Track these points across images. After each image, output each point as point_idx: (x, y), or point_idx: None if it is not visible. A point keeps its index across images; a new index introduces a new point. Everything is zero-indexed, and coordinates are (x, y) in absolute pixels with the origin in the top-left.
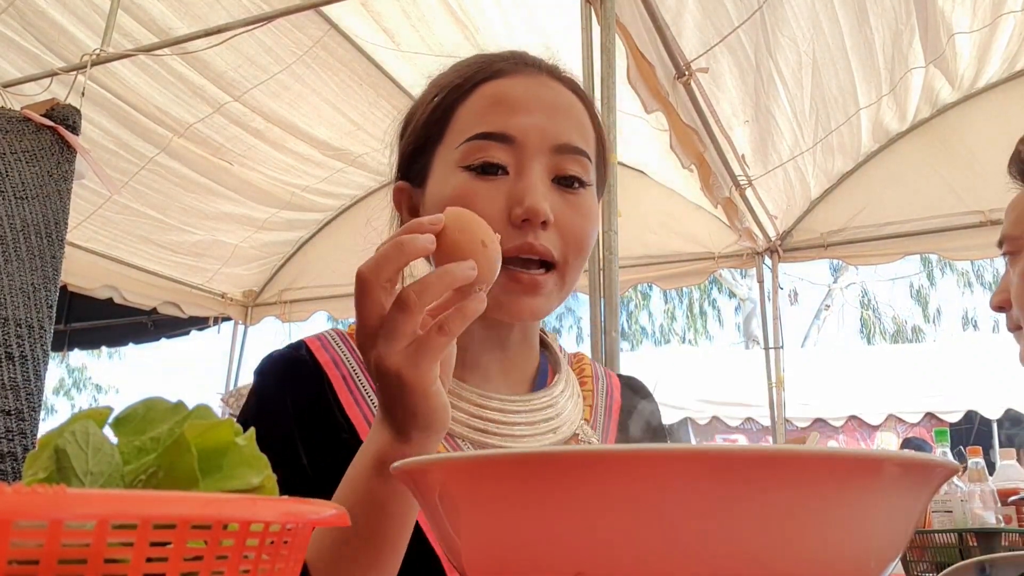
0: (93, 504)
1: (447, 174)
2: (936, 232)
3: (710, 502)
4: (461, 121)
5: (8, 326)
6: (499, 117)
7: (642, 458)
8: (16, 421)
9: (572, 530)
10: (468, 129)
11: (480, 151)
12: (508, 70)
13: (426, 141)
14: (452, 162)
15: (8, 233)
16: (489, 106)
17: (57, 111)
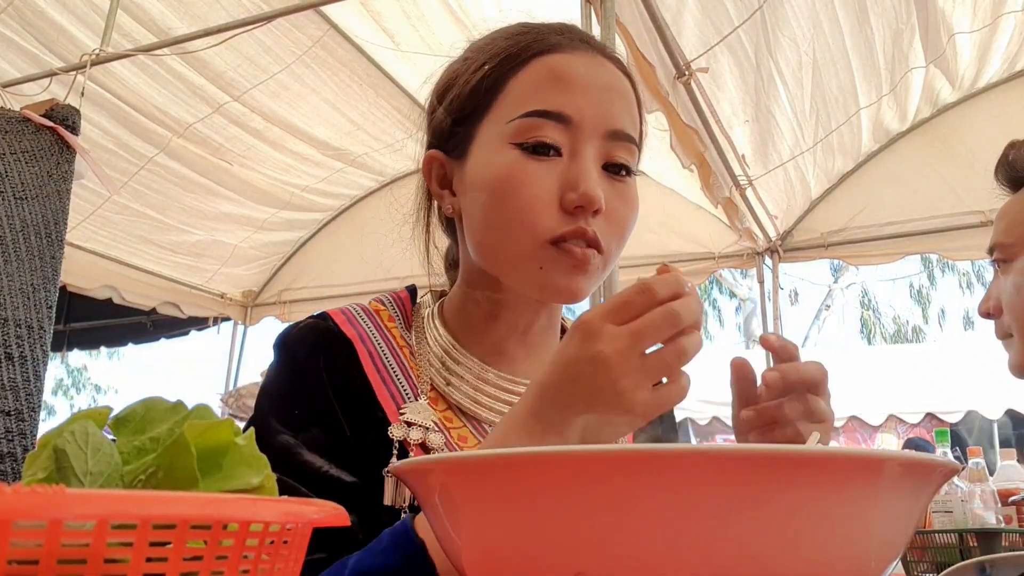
0: (92, 504)
1: (495, 149)
2: (936, 232)
3: (710, 502)
4: (513, 94)
5: (8, 326)
6: (556, 95)
7: (642, 458)
8: (16, 421)
9: (572, 530)
10: (522, 104)
11: (535, 129)
12: (565, 45)
13: (472, 111)
14: (501, 137)
15: (8, 233)
16: (546, 81)
17: (56, 111)
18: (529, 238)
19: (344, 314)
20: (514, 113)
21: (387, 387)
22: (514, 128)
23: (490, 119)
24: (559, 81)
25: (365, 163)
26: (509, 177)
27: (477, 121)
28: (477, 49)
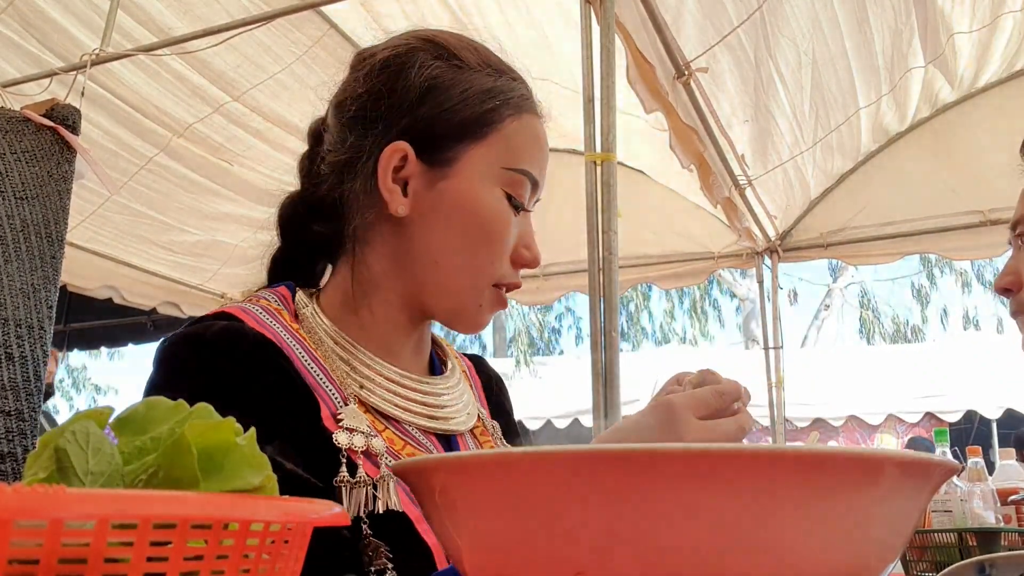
0: (93, 504)
1: (486, 186)
2: (936, 232)
3: (710, 502)
4: (507, 138)
5: (8, 326)
6: (536, 159)
7: (642, 458)
8: (16, 421)
9: (572, 530)
10: (515, 157)
11: (520, 186)
12: (537, 110)
13: (465, 132)
14: (493, 177)
15: (8, 233)
16: (531, 142)
17: (57, 111)
18: (486, 277)
19: (247, 313)
20: (509, 162)
21: (320, 392)
22: (506, 177)
23: (480, 149)
24: (537, 145)
25: None
26: (496, 220)
27: (466, 144)
28: (469, 60)
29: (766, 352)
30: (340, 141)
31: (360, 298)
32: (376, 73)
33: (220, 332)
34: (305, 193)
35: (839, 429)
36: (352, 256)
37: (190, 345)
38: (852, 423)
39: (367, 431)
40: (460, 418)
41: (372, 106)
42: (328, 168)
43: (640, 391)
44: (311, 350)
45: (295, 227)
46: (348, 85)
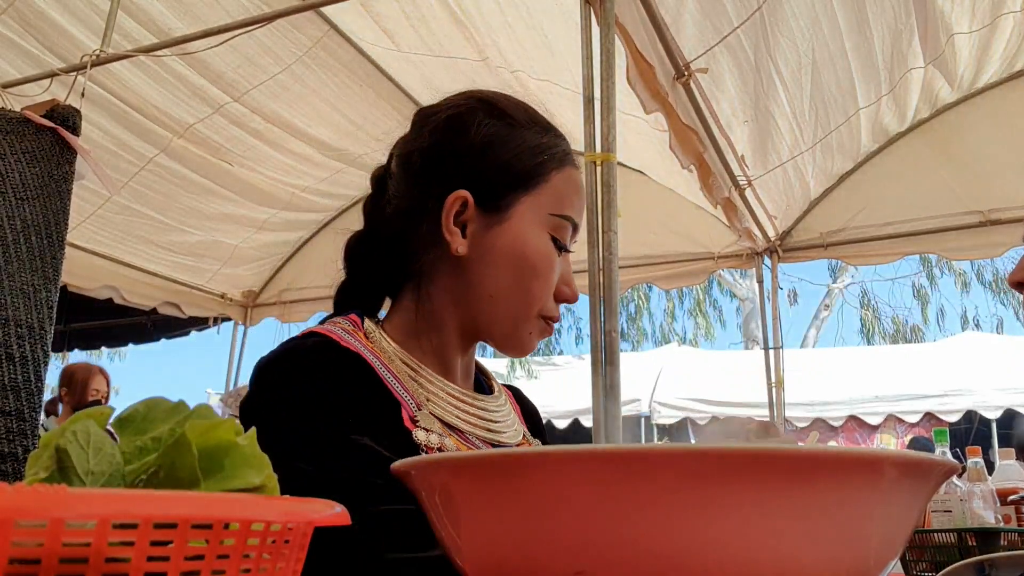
0: (94, 503)
1: (536, 232)
2: (936, 232)
3: (710, 501)
4: (554, 188)
5: (8, 327)
6: (576, 205)
7: (642, 458)
8: (16, 422)
9: (572, 530)
10: (560, 204)
11: (564, 230)
12: (576, 162)
13: (519, 183)
14: (541, 222)
15: (8, 234)
16: (574, 191)
17: (57, 112)
18: (534, 311)
19: (331, 333)
20: (555, 209)
21: (398, 397)
22: (554, 223)
23: (531, 198)
24: (577, 193)
25: (365, 163)
26: (543, 261)
27: (520, 194)
28: (520, 119)
29: (766, 352)
30: (407, 189)
31: (423, 326)
32: (441, 130)
33: (315, 346)
34: (371, 232)
35: (839, 429)
36: (417, 290)
37: (289, 359)
38: (852, 423)
39: (440, 432)
40: (509, 432)
41: (437, 159)
42: (394, 212)
43: (640, 391)
44: (386, 364)
45: (362, 263)
46: (413, 140)
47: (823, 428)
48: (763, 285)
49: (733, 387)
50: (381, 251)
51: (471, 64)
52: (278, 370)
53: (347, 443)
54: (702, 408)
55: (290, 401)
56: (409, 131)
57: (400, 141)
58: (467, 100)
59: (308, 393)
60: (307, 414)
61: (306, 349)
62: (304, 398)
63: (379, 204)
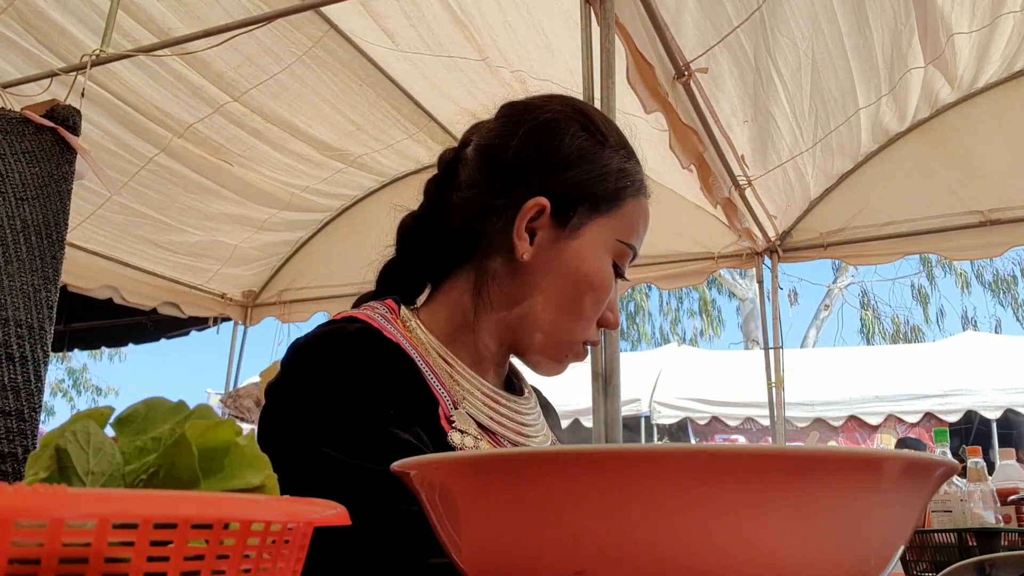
0: (94, 503)
1: (601, 253)
2: (936, 232)
3: (710, 502)
4: (625, 215)
5: (8, 327)
6: (641, 236)
7: (642, 458)
8: (16, 422)
9: (572, 530)
10: (628, 231)
11: (625, 257)
12: (648, 192)
13: (595, 202)
14: (607, 246)
15: (8, 234)
16: (643, 221)
17: (57, 111)
18: (581, 334)
19: (371, 319)
20: (623, 236)
21: (436, 394)
22: (618, 249)
23: (604, 221)
24: (645, 224)
25: (365, 163)
26: (603, 285)
27: (594, 214)
28: (618, 137)
29: (766, 352)
30: (484, 181)
31: (471, 323)
32: (534, 133)
33: (357, 332)
34: (431, 215)
35: (839, 429)
36: (475, 286)
37: (330, 343)
38: (852, 423)
39: (475, 434)
40: (539, 437)
41: (524, 161)
42: (463, 201)
43: (640, 391)
44: (423, 357)
45: (416, 245)
46: (500, 134)
47: (823, 428)
48: (763, 285)
49: (733, 387)
50: (440, 236)
51: (471, 64)
52: (318, 354)
53: (387, 436)
54: (702, 408)
55: (328, 387)
56: (494, 122)
57: (482, 129)
58: (565, 107)
59: (348, 381)
60: (346, 402)
61: (348, 335)
62: (344, 385)
63: (445, 188)
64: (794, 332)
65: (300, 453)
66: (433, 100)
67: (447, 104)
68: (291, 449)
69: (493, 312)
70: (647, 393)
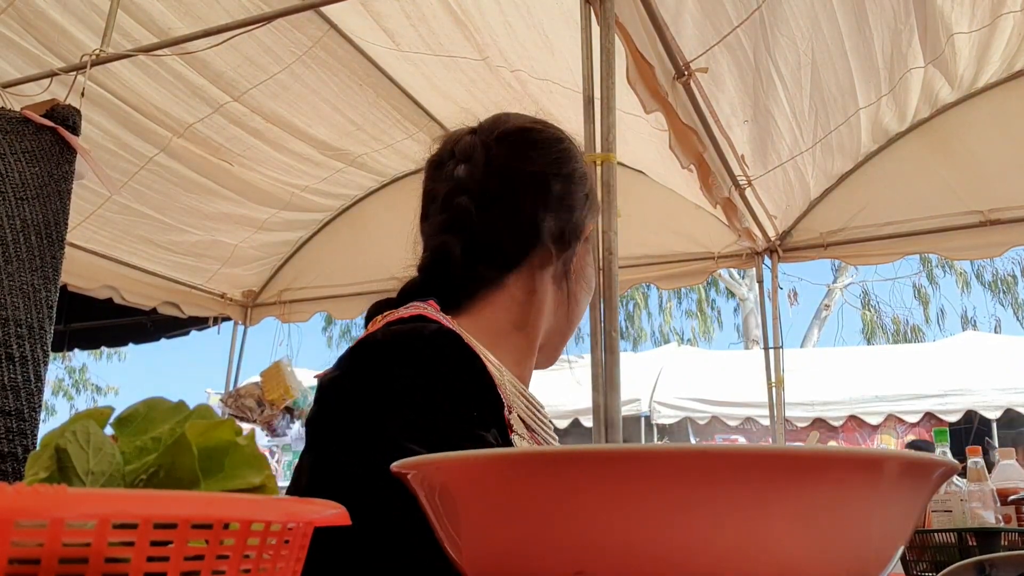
0: (94, 503)
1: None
2: (936, 232)
3: (710, 502)
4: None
5: (8, 327)
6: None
7: (642, 458)
8: (16, 421)
9: (572, 530)
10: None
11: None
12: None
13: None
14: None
15: (8, 234)
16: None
17: (57, 111)
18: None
19: (443, 321)
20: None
21: (500, 396)
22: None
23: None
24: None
25: (365, 163)
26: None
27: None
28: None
29: (766, 352)
30: (543, 205)
31: (523, 333)
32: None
33: (437, 333)
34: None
35: (839, 429)
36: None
37: (411, 343)
38: (852, 423)
39: (527, 437)
40: (556, 440)
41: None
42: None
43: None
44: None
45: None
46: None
47: (823, 428)
48: (763, 285)
49: (733, 387)
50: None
51: (471, 64)
52: (394, 353)
53: (476, 438)
54: (702, 408)
55: (407, 387)
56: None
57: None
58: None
59: (434, 381)
60: (426, 403)
61: (429, 335)
62: (422, 386)
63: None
64: (794, 332)
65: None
66: (433, 100)
67: (447, 104)
68: (375, 448)
69: (543, 322)
70: (647, 393)
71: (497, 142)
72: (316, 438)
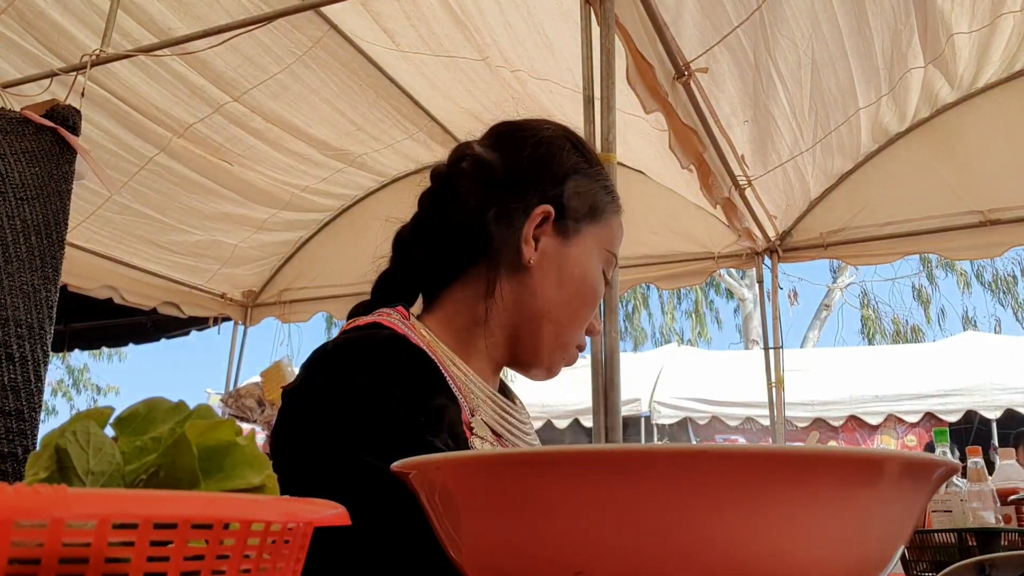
0: (94, 504)
1: (593, 261)
2: (936, 232)
3: (710, 502)
4: (611, 228)
5: (8, 327)
6: (618, 247)
7: (642, 458)
8: (16, 422)
9: (572, 530)
10: (611, 240)
11: (611, 265)
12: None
13: (588, 214)
14: (598, 254)
15: (8, 234)
16: (620, 234)
17: (57, 111)
18: (575, 336)
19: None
20: (609, 246)
21: (460, 400)
22: (606, 257)
23: (595, 230)
24: (621, 238)
25: (365, 163)
26: (596, 288)
27: (588, 224)
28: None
29: (766, 352)
30: (486, 193)
31: (484, 329)
32: (539, 145)
33: (389, 339)
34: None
35: (839, 429)
36: (486, 293)
37: (361, 349)
38: (852, 423)
39: (491, 440)
40: (537, 441)
41: (530, 171)
42: (466, 211)
43: (640, 391)
44: (442, 364)
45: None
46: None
47: (823, 428)
48: (763, 285)
49: (733, 387)
50: (441, 246)
51: (471, 64)
52: (349, 359)
53: (423, 443)
54: (702, 408)
55: (362, 393)
56: (490, 140)
57: (476, 146)
58: (558, 128)
59: (381, 387)
60: (381, 409)
61: (380, 341)
62: (377, 392)
63: (442, 200)
64: (794, 332)
65: (335, 459)
66: (433, 100)
67: (447, 104)
68: (325, 454)
69: (504, 316)
70: (647, 393)
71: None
72: (276, 446)
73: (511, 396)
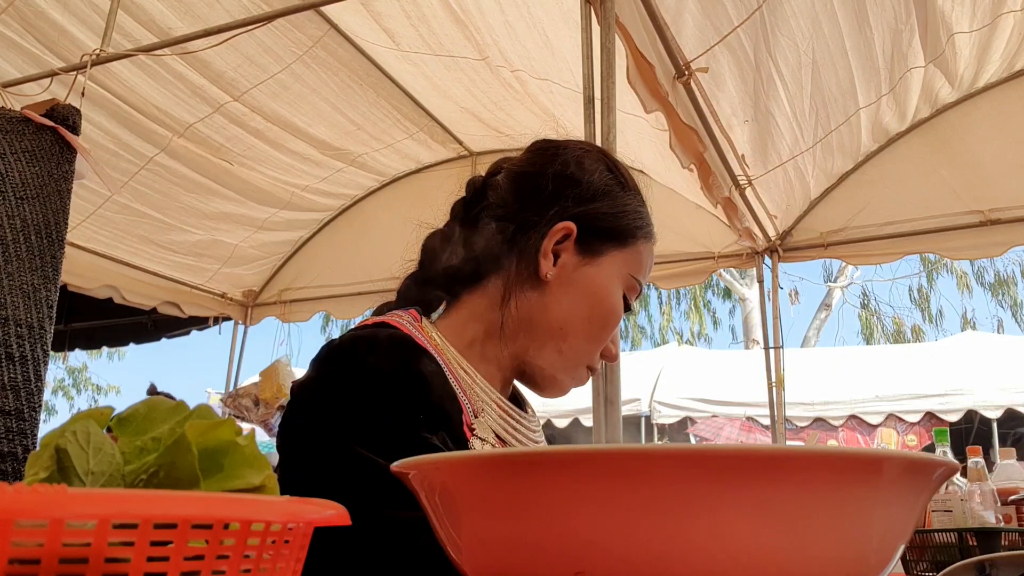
0: (94, 504)
1: (615, 283)
2: (936, 232)
3: (710, 502)
4: (638, 253)
5: (8, 326)
6: (645, 273)
7: (642, 458)
8: (16, 421)
9: (572, 530)
10: (637, 266)
11: (633, 292)
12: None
13: (614, 236)
14: (621, 278)
15: (8, 233)
16: (647, 260)
17: (57, 111)
18: (589, 357)
19: (404, 327)
20: (634, 270)
21: (462, 403)
22: (629, 282)
23: (620, 254)
24: (650, 265)
25: (365, 163)
26: (615, 312)
27: (612, 246)
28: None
29: (766, 352)
30: (516, 203)
31: (498, 337)
32: (569, 163)
33: (391, 337)
34: (457, 235)
35: (839, 429)
36: (502, 302)
37: (364, 346)
38: (852, 423)
39: (493, 443)
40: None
41: (558, 187)
42: (492, 221)
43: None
44: (448, 366)
45: (440, 261)
46: (536, 162)
47: (823, 428)
48: (763, 285)
49: (733, 387)
50: (466, 254)
51: (472, 63)
52: (353, 356)
53: (419, 440)
54: (702, 408)
55: (362, 389)
56: (527, 154)
57: (513, 160)
58: (593, 148)
59: (382, 384)
60: (379, 405)
61: (383, 339)
62: (377, 388)
63: (473, 210)
64: (794, 332)
65: (333, 452)
66: (433, 100)
67: (447, 104)
68: (323, 447)
69: (517, 327)
70: (647, 393)
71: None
72: (283, 437)
73: (524, 405)
